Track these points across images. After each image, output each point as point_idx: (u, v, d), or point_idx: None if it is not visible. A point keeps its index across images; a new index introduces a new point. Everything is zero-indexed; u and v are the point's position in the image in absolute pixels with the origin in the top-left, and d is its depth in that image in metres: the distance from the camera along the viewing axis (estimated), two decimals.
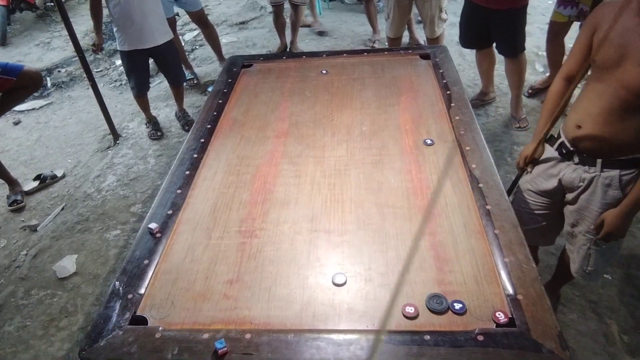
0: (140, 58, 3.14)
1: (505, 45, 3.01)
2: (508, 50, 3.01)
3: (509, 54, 3.03)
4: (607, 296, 2.05)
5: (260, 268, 1.27)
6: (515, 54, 3.00)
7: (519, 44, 2.96)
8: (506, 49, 3.02)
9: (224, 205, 1.49)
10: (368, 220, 1.39)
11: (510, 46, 2.98)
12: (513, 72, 3.09)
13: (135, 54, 3.07)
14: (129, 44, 3.02)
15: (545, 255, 2.24)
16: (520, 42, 2.95)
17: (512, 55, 3.02)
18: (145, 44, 3.03)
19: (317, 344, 1.06)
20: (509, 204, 1.38)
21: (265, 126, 1.87)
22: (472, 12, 3.00)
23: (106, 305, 1.19)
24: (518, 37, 2.92)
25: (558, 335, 1.03)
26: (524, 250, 1.23)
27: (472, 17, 3.03)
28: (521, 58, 3.02)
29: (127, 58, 3.11)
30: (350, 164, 1.62)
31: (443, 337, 1.04)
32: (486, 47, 3.16)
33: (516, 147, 2.99)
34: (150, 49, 3.07)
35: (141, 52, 3.07)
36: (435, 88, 2.00)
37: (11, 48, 5.48)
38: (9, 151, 3.58)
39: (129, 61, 3.14)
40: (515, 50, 2.98)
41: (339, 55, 2.37)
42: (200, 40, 4.88)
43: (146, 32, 3.00)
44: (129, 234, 2.64)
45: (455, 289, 1.16)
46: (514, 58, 3.02)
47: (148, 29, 2.99)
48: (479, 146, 1.61)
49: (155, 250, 1.34)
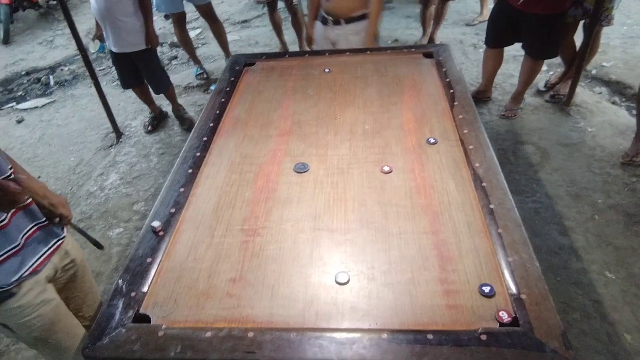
0: (120, 58, 3.13)
1: (536, 48, 2.97)
2: (537, 52, 2.98)
3: (536, 56, 3.01)
4: (610, 295, 2.04)
5: (263, 266, 1.27)
6: (543, 57, 3.00)
7: (550, 50, 2.95)
8: (535, 51, 2.98)
9: (226, 204, 1.49)
10: (371, 218, 1.39)
11: (542, 50, 2.95)
12: (528, 72, 3.08)
13: (115, 54, 3.11)
14: (108, 42, 3.09)
15: (549, 255, 2.24)
16: (552, 48, 2.93)
17: (538, 58, 3.01)
18: (116, 47, 3.04)
19: (319, 342, 1.06)
20: (512, 203, 1.38)
21: (268, 124, 1.87)
22: (506, 11, 2.94)
23: (109, 303, 1.19)
24: (552, 43, 2.89)
25: (562, 335, 1.02)
26: (528, 250, 1.23)
27: (505, 16, 2.97)
28: (541, 61, 3.04)
29: (111, 54, 3.19)
30: (353, 162, 1.62)
31: (446, 337, 1.04)
32: (503, 46, 3.15)
33: (520, 145, 2.98)
34: (129, 53, 3.07)
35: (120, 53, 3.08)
36: (438, 87, 2.00)
37: (14, 46, 5.49)
38: (12, 149, 3.59)
39: (112, 57, 3.23)
40: (544, 55, 2.97)
41: (341, 54, 2.37)
42: (202, 38, 4.88)
43: (116, 37, 2.99)
44: (132, 232, 2.65)
45: (459, 287, 1.16)
46: (538, 60, 3.02)
47: (118, 35, 2.98)
48: (482, 145, 1.61)
49: (158, 248, 1.34)
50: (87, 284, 1.62)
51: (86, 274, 1.61)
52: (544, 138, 3.03)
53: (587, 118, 3.17)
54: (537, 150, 2.94)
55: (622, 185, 2.61)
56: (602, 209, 2.47)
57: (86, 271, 1.61)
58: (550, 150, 2.92)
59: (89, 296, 1.63)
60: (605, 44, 3.80)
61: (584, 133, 3.04)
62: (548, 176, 2.72)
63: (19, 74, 4.83)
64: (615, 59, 3.81)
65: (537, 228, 2.38)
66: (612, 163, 2.76)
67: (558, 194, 2.59)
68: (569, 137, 3.01)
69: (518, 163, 2.84)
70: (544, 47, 2.93)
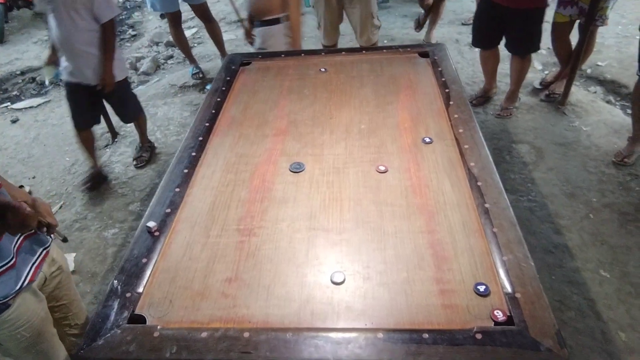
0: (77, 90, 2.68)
1: (519, 44, 3.01)
2: (520, 49, 3.03)
3: (520, 53, 3.04)
4: (605, 294, 2.06)
5: (259, 266, 1.27)
6: (525, 53, 3.03)
7: (532, 45, 2.98)
8: (518, 47, 3.03)
9: (222, 204, 1.49)
10: (367, 218, 1.39)
11: (523, 45, 2.99)
12: (517, 70, 3.11)
13: (71, 85, 2.68)
14: (65, 72, 2.65)
15: (544, 254, 2.25)
16: (535, 42, 2.97)
17: (523, 54, 3.04)
18: (73, 77, 2.63)
19: (315, 342, 1.06)
20: (507, 202, 1.38)
21: (264, 124, 1.87)
22: (489, 11, 3.00)
23: (104, 304, 1.19)
24: (534, 37, 2.94)
25: (556, 334, 1.03)
26: (523, 249, 1.23)
27: (489, 16, 3.03)
28: (528, 57, 3.07)
29: (66, 86, 2.73)
30: (348, 162, 1.62)
31: (441, 336, 1.04)
32: (494, 46, 3.17)
33: (515, 145, 2.99)
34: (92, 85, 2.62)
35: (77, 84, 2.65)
36: (434, 86, 2.00)
37: (9, 45, 5.46)
38: (7, 149, 3.57)
39: (67, 89, 2.74)
40: (527, 50, 3.01)
41: (337, 53, 2.37)
42: (198, 37, 4.87)
43: (76, 65, 2.58)
44: (127, 232, 2.64)
45: (454, 287, 1.16)
46: (524, 57, 3.05)
47: (77, 64, 2.58)
48: (477, 144, 1.61)
49: (154, 248, 1.34)
50: (72, 290, 1.61)
51: (70, 281, 1.60)
52: (539, 137, 3.04)
53: (582, 117, 3.19)
54: (532, 149, 2.95)
55: (617, 184, 2.62)
56: (597, 208, 2.48)
57: (70, 278, 1.60)
58: (546, 150, 2.93)
59: (74, 303, 1.61)
60: (600, 44, 3.81)
61: (579, 132, 3.06)
62: (543, 175, 2.74)
63: (13, 73, 4.80)
64: (610, 59, 3.83)
65: (532, 227, 2.39)
66: (606, 162, 2.78)
67: (553, 193, 2.60)
68: (564, 136, 3.03)
69: (513, 162, 2.85)
70: (527, 42, 2.97)
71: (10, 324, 1.31)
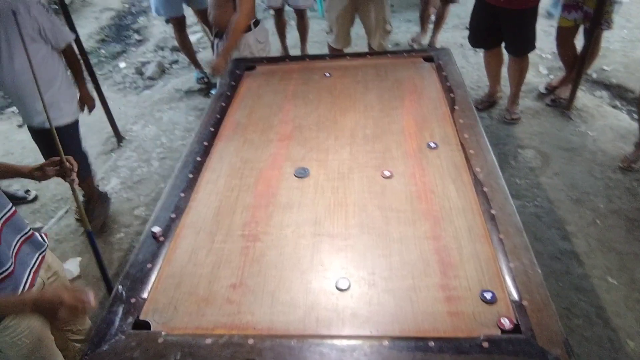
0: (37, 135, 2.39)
1: (515, 45, 3.03)
2: (517, 49, 3.04)
3: (517, 53, 3.05)
4: (613, 301, 2.03)
5: (264, 272, 1.26)
6: (523, 53, 3.03)
7: (529, 44, 2.99)
8: (515, 48, 3.04)
9: (227, 209, 1.49)
10: (372, 224, 1.38)
11: (519, 45, 3.00)
12: (516, 71, 3.12)
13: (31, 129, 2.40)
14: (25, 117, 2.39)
15: (550, 260, 2.23)
16: (530, 42, 2.98)
17: (520, 55, 3.04)
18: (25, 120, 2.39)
19: (320, 349, 1.05)
20: (513, 208, 1.37)
21: (269, 129, 1.87)
22: (483, 11, 3.03)
23: (109, 309, 1.19)
24: (529, 36, 2.95)
25: (564, 342, 1.02)
26: (529, 255, 1.22)
27: (483, 16, 3.05)
28: (526, 58, 3.06)
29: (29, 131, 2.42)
30: (353, 167, 1.61)
31: (448, 344, 1.03)
32: (495, 46, 3.17)
33: (520, 150, 2.98)
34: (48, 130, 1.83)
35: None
36: (439, 91, 2.00)
37: None
38: (13, 154, 3.59)
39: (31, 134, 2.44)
40: (524, 50, 3.01)
41: (342, 58, 2.37)
42: (203, 42, 4.89)
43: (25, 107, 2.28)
44: (132, 237, 2.64)
45: (460, 294, 1.15)
46: (521, 57, 3.05)
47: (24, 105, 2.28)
48: (483, 149, 1.60)
49: (158, 254, 1.34)
50: None
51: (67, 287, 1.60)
52: (544, 142, 3.02)
53: (588, 122, 3.17)
54: (538, 154, 2.93)
55: (624, 189, 2.60)
56: (604, 214, 2.46)
57: (66, 283, 1.60)
58: (551, 155, 2.91)
59: None
60: (605, 48, 3.80)
61: (585, 137, 3.04)
62: (549, 181, 2.72)
63: None
64: (616, 63, 3.81)
65: (538, 233, 2.37)
66: (613, 167, 2.76)
67: (559, 199, 2.58)
68: (570, 141, 3.01)
69: (519, 167, 2.84)
70: (523, 41, 2.98)
71: (12, 330, 1.30)
